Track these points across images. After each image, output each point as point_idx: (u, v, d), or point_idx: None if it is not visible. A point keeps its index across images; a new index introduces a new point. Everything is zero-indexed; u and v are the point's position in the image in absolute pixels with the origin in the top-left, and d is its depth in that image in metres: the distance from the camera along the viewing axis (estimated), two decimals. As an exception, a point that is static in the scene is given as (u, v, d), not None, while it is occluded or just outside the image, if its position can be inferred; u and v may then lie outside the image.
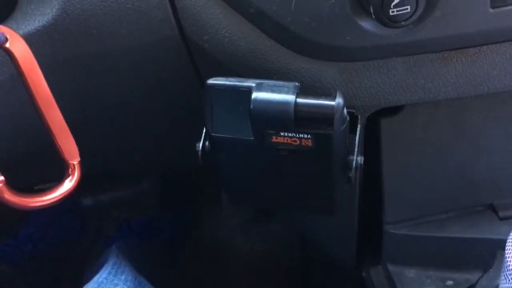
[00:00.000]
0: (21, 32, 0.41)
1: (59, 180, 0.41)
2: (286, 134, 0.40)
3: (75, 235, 1.04)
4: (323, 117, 0.38)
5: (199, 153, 0.45)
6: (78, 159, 0.39)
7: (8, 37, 0.34)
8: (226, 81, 0.40)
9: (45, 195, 0.36)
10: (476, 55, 0.43)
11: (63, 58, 0.44)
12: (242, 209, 1.08)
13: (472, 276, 0.57)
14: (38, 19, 0.42)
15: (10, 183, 0.37)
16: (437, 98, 0.45)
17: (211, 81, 0.40)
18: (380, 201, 0.57)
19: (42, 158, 0.48)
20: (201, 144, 0.45)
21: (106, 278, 0.51)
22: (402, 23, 0.38)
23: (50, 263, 0.98)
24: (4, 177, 0.36)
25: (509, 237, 0.41)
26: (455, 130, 0.54)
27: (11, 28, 0.39)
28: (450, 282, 0.58)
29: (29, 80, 0.36)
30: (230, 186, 0.49)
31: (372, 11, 0.37)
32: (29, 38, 0.41)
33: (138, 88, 0.49)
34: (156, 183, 1.03)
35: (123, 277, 0.53)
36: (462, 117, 0.53)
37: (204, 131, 0.44)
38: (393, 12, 0.37)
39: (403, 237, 0.58)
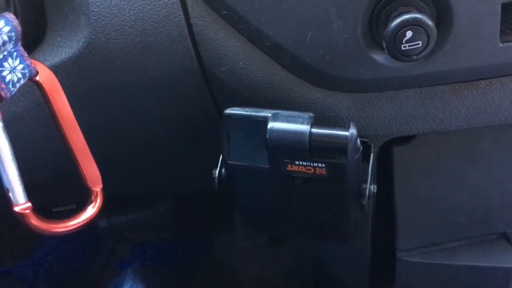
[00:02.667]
0: (48, 63, 0.43)
1: (77, 203, 0.42)
2: (301, 162, 0.41)
3: (90, 256, 1.05)
4: (337, 147, 0.39)
5: (216, 180, 0.46)
6: (101, 186, 0.40)
7: (38, 70, 0.36)
8: (243, 111, 0.42)
9: (69, 221, 0.37)
10: (487, 87, 0.44)
11: (88, 88, 0.45)
12: (254, 234, 1.08)
13: (485, 305, 0.57)
14: (64, 51, 0.44)
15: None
16: (448, 129, 0.45)
17: (228, 111, 0.42)
18: (393, 228, 0.58)
19: (63, 183, 0.50)
20: (217, 171, 0.46)
21: (123, 301, 0.52)
22: (414, 57, 0.39)
23: (65, 283, 0.99)
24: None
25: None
26: (467, 158, 0.55)
27: (38, 59, 0.41)
28: (462, 311, 0.58)
29: (55, 109, 0.38)
30: (245, 212, 0.50)
31: (384, 45, 0.39)
32: (55, 69, 0.43)
33: (158, 117, 0.51)
34: (170, 207, 1.03)
35: (139, 300, 0.53)
36: (474, 146, 0.54)
37: (220, 158, 0.45)
38: (405, 47, 0.38)
39: (415, 265, 0.58)
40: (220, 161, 0.46)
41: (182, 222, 1.06)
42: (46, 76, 0.37)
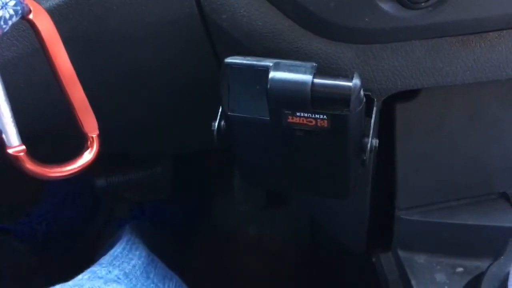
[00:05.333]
0: (42, 6, 0.42)
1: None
2: (302, 114, 0.40)
3: (88, 215, 1.05)
4: (340, 98, 0.38)
5: (215, 132, 0.45)
6: (97, 132, 0.39)
7: (31, 8, 0.35)
8: (244, 60, 0.40)
9: (65, 166, 0.36)
10: (496, 39, 0.43)
11: (84, 34, 0.44)
12: (254, 196, 1.08)
13: (483, 264, 0.57)
14: (59, -6, 0.42)
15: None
16: (454, 83, 0.44)
17: (228, 59, 0.40)
18: (392, 186, 0.57)
19: (60, 135, 0.49)
20: (216, 124, 0.45)
21: (121, 252, 0.52)
22: (422, 4, 0.37)
23: (62, 242, 0.99)
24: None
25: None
26: (471, 117, 0.54)
27: (33, 2, 0.40)
28: (460, 269, 0.58)
29: (51, 53, 0.36)
30: (245, 166, 0.50)
31: (392, -9, 0.37)
32: (50, 13, 0.41)
33: (155, 67, 0.49)
34: (168, 167, 1.03)
35: (137, 252, 0.54)
36: (478, 104, 0.53)
37: (220, 110, 0.45)
38: (413, -7, 0.37)
39: (414, 223, 0.58)
40: (219, 113, 0.45)
41: (181, 184, 1.06)
42: (40, 16, 0.35)
